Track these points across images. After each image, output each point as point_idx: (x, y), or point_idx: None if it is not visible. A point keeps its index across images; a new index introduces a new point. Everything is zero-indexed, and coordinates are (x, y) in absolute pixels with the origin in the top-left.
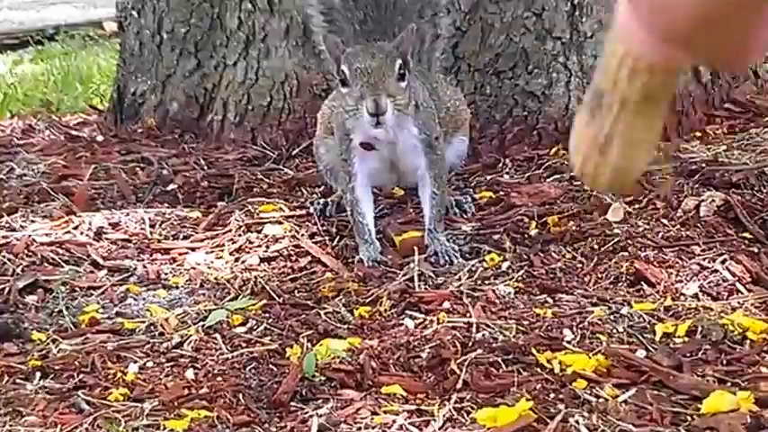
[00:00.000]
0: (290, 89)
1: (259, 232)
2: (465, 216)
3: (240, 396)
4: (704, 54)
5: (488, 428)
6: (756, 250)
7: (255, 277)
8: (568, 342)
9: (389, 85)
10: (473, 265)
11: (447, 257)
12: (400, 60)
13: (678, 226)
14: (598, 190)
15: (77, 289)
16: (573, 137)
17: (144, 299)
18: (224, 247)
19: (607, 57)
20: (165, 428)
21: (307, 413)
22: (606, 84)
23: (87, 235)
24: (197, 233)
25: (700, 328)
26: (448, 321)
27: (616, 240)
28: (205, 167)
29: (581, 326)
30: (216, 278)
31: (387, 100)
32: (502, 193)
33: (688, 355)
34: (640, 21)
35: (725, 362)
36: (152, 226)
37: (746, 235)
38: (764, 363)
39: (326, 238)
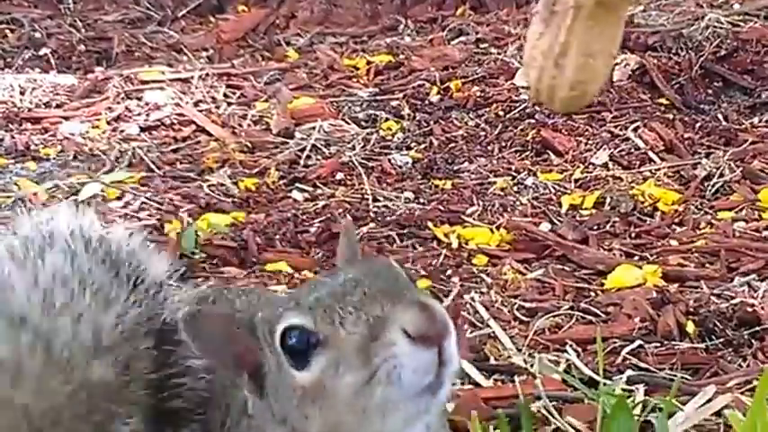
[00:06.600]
0: None
1: (139, 99)
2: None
3: None
4: None
5: None
6: (671, 117)
7: (134, 148)
8: (469, 215)
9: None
10: (368, 134)
11: None
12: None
13: None
14: (555, 109)
15: None
16: (526, 50)
17: (11, 172)
18: (101, 116)
19: None
20: None
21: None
22: None
23: None
24: (71, 101)
25: (608, 200)
26: (340, 194)
27: (523, 107)
28: (82, 30)
29: (483, 198)
30: (91, 149)
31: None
32: (402, 56)
33: (595, 227)
34: None
35: (633, 235)
36: (22, 93)
37: (662, 101)
38: (674, 235)
39: (212, 105)
